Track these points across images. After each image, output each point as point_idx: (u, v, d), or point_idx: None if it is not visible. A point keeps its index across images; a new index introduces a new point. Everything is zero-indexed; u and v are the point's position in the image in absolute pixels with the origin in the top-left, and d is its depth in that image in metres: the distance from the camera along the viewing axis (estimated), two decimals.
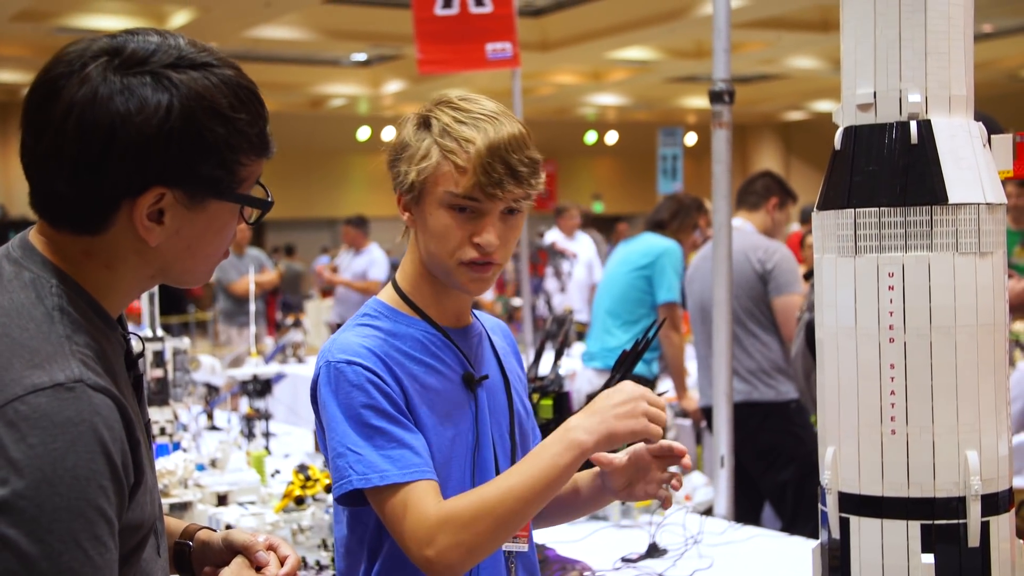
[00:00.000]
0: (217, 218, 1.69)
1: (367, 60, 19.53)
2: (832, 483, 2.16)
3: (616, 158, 27.22)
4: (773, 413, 5.74)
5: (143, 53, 1.60)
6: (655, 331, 2.96)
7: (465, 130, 2.16)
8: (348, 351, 2.15)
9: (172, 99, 1.58)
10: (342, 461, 2.10)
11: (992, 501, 2.08)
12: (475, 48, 6.98)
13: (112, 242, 1.64)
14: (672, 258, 6.68)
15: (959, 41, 2.09)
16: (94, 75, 1.57)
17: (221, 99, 1.62)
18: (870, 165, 2.10)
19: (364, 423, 2.10)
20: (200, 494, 3.80)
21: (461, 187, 2.15)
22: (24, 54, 17.23)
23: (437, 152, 2.17)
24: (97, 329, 1.64)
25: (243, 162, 1.67)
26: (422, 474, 2.09)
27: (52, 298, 1.60)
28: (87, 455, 1.49)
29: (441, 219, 2.18)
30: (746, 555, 3.66)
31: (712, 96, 4.21)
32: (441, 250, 2.19)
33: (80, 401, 1.51)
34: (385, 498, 2.09)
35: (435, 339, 2.25)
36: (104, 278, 1.66)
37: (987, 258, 2.08)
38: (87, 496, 1.48)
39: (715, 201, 4.29)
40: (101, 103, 1.56)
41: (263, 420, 5.22)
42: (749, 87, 21.72)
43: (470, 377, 2.27)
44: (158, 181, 1.60)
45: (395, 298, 2.28)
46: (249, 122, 1.66)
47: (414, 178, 2.18)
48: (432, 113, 2.21)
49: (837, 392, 2.14)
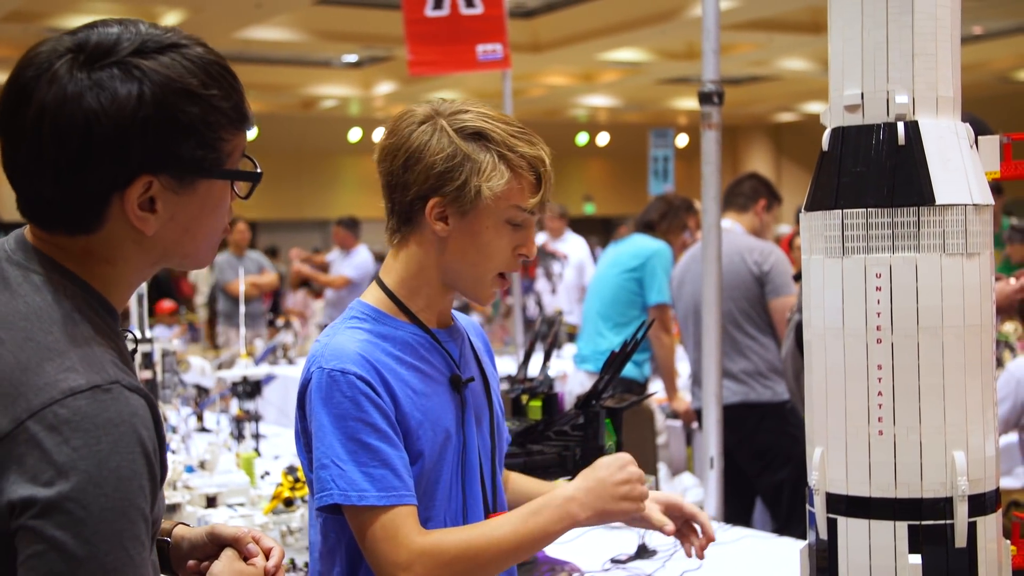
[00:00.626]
0: (209, 197, 1.69)
1: (358, 61, 19.52)
2: (820, 484, 2.16)
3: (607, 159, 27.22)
4: (769, 414, 5.75)
5: (107, 44, 1.60)
6: (644, 333, 2.96)
7: (531, 148, 2.23)
8: (342, 358, 2.15)
9: (142, 87, 1.57)
10: (325, 473, 2.12)
11: (979, 502, 2.09)
12: (466, 49, 6.98)
13: (109, 238, 1.64)
14: (662, 259, 6.69)
15: (946, 43, 2.09)
16: (61, 74, 1.57)
17: (191, 79, 1.61)
18: (857, 166, 2.10)
19: (352, 437, 2.11)
20: (189, 496, 3.80)
21: (530, 203, 2.22)
22: (14, 55, 17.14)
23: (507, 169, 2.20)
24: (110, 328, 1.64)
25: (224, 137, 1.66)
26: (400, 499, 2.11)
27: (68, 300, 1.60)
28: (129, 455, 1.50)
29: (498, 233, 2.23)
30: (735, 556, 3.66)
31: (701, 97, 4.22)
32: (490, 263, 2.24)
33: (119, 402, 1.52)
34: (363, 518, 2.11)
35: (423, 341, 2.26)
36: (108, 273, 1.67)
37: (974, 259, 2.08)
38: (130, 496, 1.50)
39: (704, 202, 4.29)
40: (72, 102, 1.56)
41: (253, 422, 5.22)
42: (740, 88, 21.74)
43: (457, 379, 2.28)
44: (143, 170, 1.59)
45: (383, 300, 2.28)
46: (223, 96, 1.65)
47: (486, 193, 2.19)
48: (478, 126, 2.21)
49: (824, 393, 2.15)
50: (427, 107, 2.26)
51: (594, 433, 2.96)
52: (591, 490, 2.16)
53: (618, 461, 2.20)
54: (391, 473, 2.11)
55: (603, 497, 2.16)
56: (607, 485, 2.16)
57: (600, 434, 2.96)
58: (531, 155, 2.22)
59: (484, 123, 2.21)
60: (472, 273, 2.24)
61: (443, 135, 2.20)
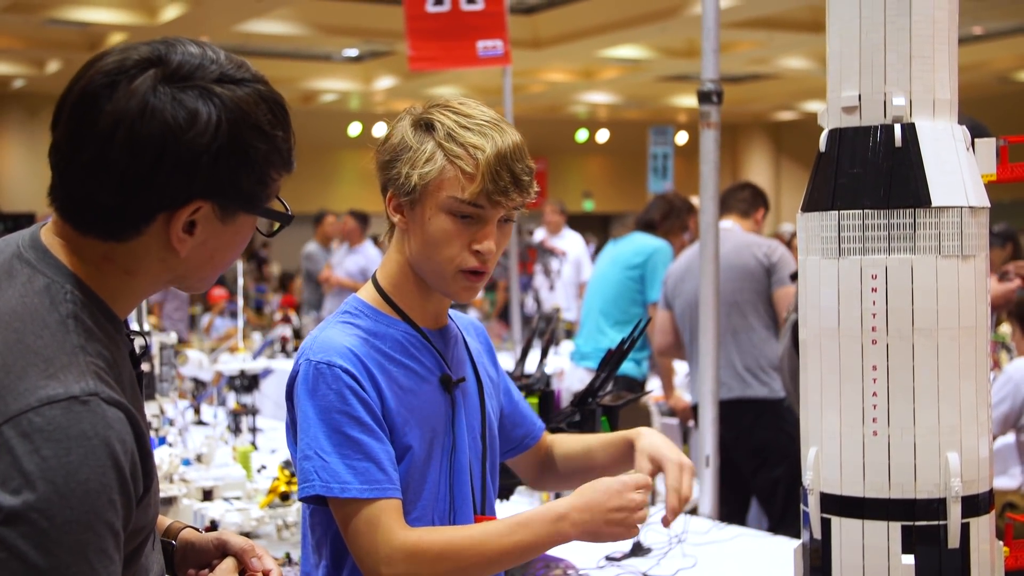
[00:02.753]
0: (243, 230, 1.71)
1: (359, 56, 19.50)
2: (814, 483, 2.17)
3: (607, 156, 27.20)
4: (767, 411, 5.76)
5: (189, 67, 1.60)
6: (641, 330, 2.97)
7: (471, 136, 2.16)
8: (329, 351, 2.15)
9: (220, 114, 1.59)
10: (308, 464, 2.12)
11: (972, 503, 2.10)
12: (466, 45, 6.98)
13: (137, 250, 1.64)
14: (664, 257, 6.72)
15: (944, 45, 2.10)
16: (143, 87, 1.57)
17: (262, 116, 1.64)
18: (854, 167, 2.11)
19: (336, 429, 2.11)
20: (186, 489, 3.80)
21: (468, 193, 2.15)
22: (15, 46, 17.18)
23: (442, 156, 2.16)
24: (107, 336, 1.63)
25: (274, 177, 1.69)
26: (383, 492, 2.11)
27: (66, 305, 1.59)
28: (99, 469, 1.49)
29: (442, 224, 2.17)
30: (730, 554, 3.67)
31: (701, 96, 4.22)
32: (439, 256, 2.19)
33: (94, 415, 1.51)
34: (346, 511, 2.11)
35: (414, 340, 2.25)
36: (121, 283, 1.67)
37: (969, 261, 2.09)
38: (97, 510, 1.49)
39: (702, 201, 4.30)
40: (153, 115, 1.56)
41: (250, 415, 5.22)
42: (740, 87, 21.73)
43: (447, 379, 2.27)
44: (200, 195, 1.60)
45: (376, 297, 2.28)
46: (284, 138, 1.68)
47: (416, 181, 2.17)
48: (432, 116, 2.20)
49: (819, 393, 2.15)
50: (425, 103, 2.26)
51: (590, 431, 2.96)
52: (584, 510, 2.12)
53: (619, 485, 2.14)
54: (375, 466, 2.11)
55: (595, 520, 2.12)
56: (602, 509, 2.12)
57: (596, 431, 2.96)
58: (470, 143, 2.15)
59: (439, 114, 2.19)
60: (429, 267, 2.21)
61: (402, 127, 2.22)
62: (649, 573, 3.44)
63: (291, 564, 3.44)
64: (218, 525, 3.68)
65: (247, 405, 5.29)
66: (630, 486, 2.14)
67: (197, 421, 5.68)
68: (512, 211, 2.20)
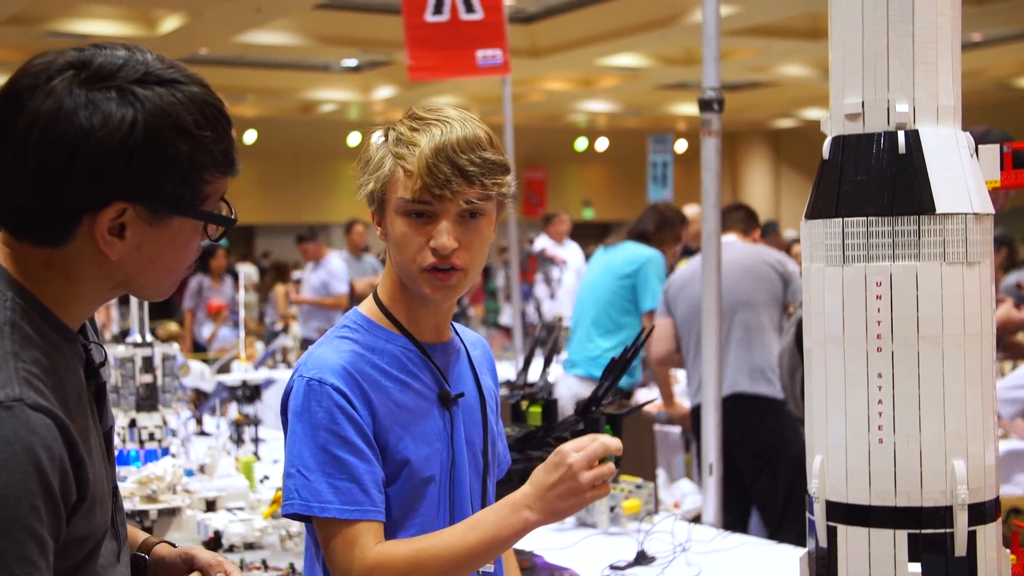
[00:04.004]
0: (180, 234, 1.68)
1: (358, 66, 19.52)
2: (819, 491, 2.16)
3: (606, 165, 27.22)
4: (772, 412, 5.77)
5: (110, 68, 1.60)
6: (645, 339, 2.97)
7: (415, 136, 2.16)
8: (322, 368, 2.14)
9: (136, 114, 1.58)
10: (290, 482, 2.12)
11: (979, 510, 2.09)
12: (465, 55, 6.99)
13: (73, 254, 1.63)
14: (656, 267, 6.75)
15: (947, 51, 2.10)
16: (59, 88, 1.57)
17: (186, 116, 1.62)
18: (858, 175, 2.11)
19: (322, 447, 2.10)
20: (189, 499, 3.79)
21: (410, 191, 2.14)
22: (14, 58, 17.14)
23: (390, 160, 2.18)
24: (50, 344, 1.62)
25: (207, 179, 1.66)
26: (363, 514, 2.10)
27: (4, 311, 1.59)
28: (20, 475, 1.48)
29: (399, 227, 2.17)
30: (734, 563, 3.66)
31: (701, 104, 4.22)
32: (403, 258, 2.18)
33: (17, 420, 1.50)
34: (326, 530, 2.11)
35: (412, 355, 2.24)
36: (64, 290, 1.66)
37: (974, 268, 2.08)
38: (17, 516, 1.48)
39: (704, 209, 4.29)
40: (65, 116, 1.56)
41: (252, 426, 5.21)
42: (739, 95, 21.74)
43: (446, 395, 2.25)
44: (120, 196, 1.59)
45: (375, 311, 2.27)
46: (214, 139, 1.65)
47: (373, 187, 2.20)
48: (393, 125, 2.23)
49: (824, 400, 2.15)
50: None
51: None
52: (534, 495, 2.09)
53: (556, 457, 2.09)
54: (358, 487, 2.10)
55: (547, 499, 2.07)
56: (547, 486, 2.08)
57: None
58: (411, 142, 2.15)
59: (400, 123, 2.21)
60: (402, 272, 2.21)
61: (373, 141, 2.26)
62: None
63: (295, 574, 3.43)
64: (221, 536, 3.68)
65: (249, 416, 5.29)
66: (565, 454, 2.09)
67: (199, 432, 5.68)
68: (471, 204, 2.15)
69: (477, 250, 2.20)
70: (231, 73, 18.66)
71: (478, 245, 2.20)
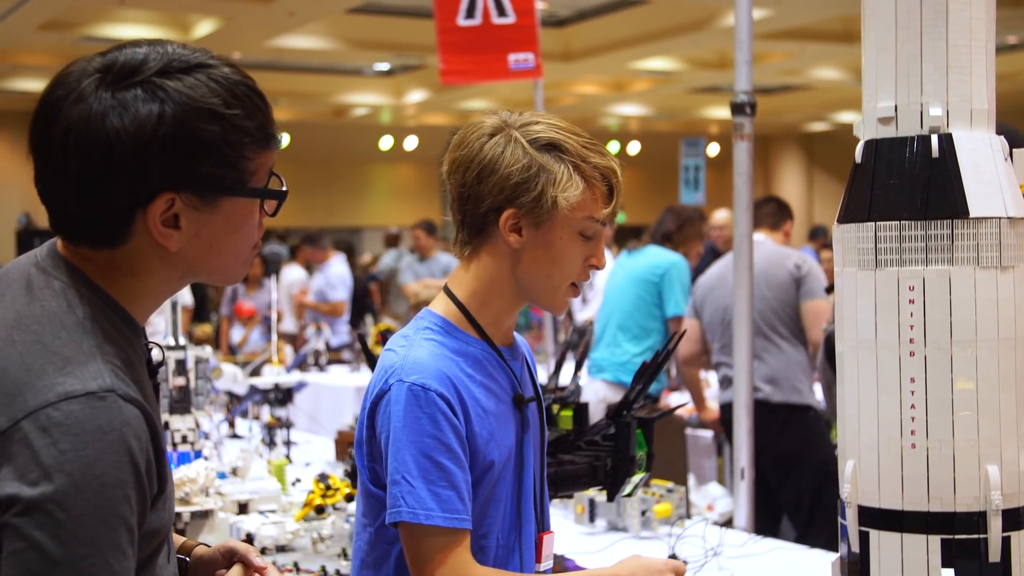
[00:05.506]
0: (234, 215, 1.70)
1: (390, 70, 19.56)
2: (852, 497, 2.15)
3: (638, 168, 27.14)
4: (792, 419, 5.76)
5: (132, 65, 1.62)
6: (675, 343, 2.97)
7: (603, 160, 2.24)
8: (424, 373, 2.15)
9: (164, 106, 1.60)
10: (397, 489, 2.12)
11: (1013, 516, 2.08)
12: (498, 58, 6.98)
13: (134, 252, 1.66)
14: (680, 272, 6.77)
15: (981, 55, 2.09)
16: (87, 93, 1.60)
17: (213, 98, 1.63)
18: (891, 178, 2.10)
19: (425, 454, 2.11)
20: (221, 502, 3.81)
21: (603, 214, 2.23)
22: (50, 63, 17.29)
23: (580, 179, 2.21)
24: (124, 339, 1.66)
25: (247, 156, 1.68)
26: (461, 523, 2.13)
27: (83, 307, 1.62)
28: (115, 464, 1.52)
29: (571, 243, 2.23)
30: (766, 568, 3.65)
31: (734, 108, 4.21)
32: (561, 273, 2.25)
33: (111, 410, 1.53)
34: (421, 535, 2.12)
35: (491, 359, 2.26)
36: (132, 286, 1.69)
37: (1008, 272, 2.07)
38: (112, 504, 1.51)
39: (736, 213, 4.28)
40: (95, 120, 1.59)
41: (284, 429, 5.23)
42: (771, 98, 21.66)
43: (520, 398, 2.30)
44: (164, 187, 1.62)
45: (455, 314, 2.27)
46: (246, 115, 1.66)
47: (562, 204, 2.19)
48: (548, 135, 2.21)
49: (857, 405, 2.14)
50: (496, 119, 2.25)
51: (625, 444, 2.95)
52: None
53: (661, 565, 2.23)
54: (456, 496, 2.12)
55: None
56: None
57: (631, 445, 2.95)
58: (604, 166, 2.23)
59: (556, 134, 2.22)
60: (546, 284, 2.25)
61: (517, 146, 2.20)
62: None
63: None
64: (254, 538, 3.69)
65: (281, 418, 5.31)
66: (670, 568, 2.22)
67: (232, 434, 5.71)
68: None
69: None
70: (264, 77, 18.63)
71: None
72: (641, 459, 2.98)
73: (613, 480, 2.92)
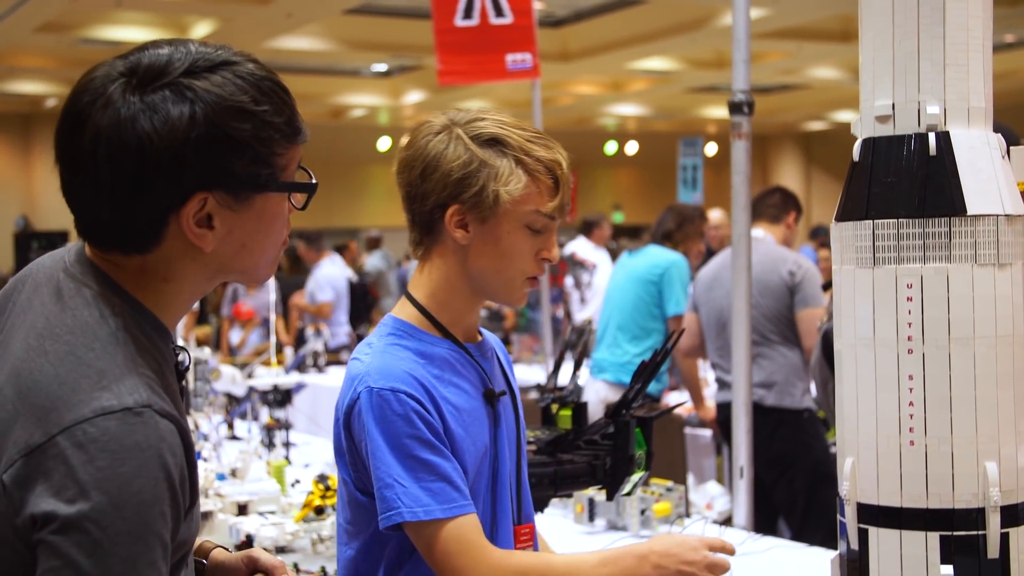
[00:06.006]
0: (265, 211, 1.70)
1: (388, 71, 19.57)
2: (850, 494, 2.16)
3: (636, 168, 27.18)
4: (786, 421, 5.75)
5: (158, 66, 1.61)
6: (674, 343, 2.97)
7: (548, 152, 2.23)
8: (390, 377, 2.16)
9: (194, 107, 1.59)
10: (390, 492, 2.12)
11: (1012, 512, 2.08)
12: (495, 59, 6.98)
13: (166, 256, 1.65)
14: (679, 271, 6.77)
15: (978, 53, 2.09)
16: (115, 98, 1.58)
17: (242, 96, 1.62)
18: (889, 176, 2.10)
19: (408, 454, 2.12)
20: (221, 503, 3.81)
21: (548, 208, 2.23)
22: (48, 65, 17.32)
23: (524, 173, 2.21)
24: (155, 347, 1.65)
25: (277, 152, 1.67)
26: (462, 509, 2.13)
27: (116, 318, 1.61)
28: (152, 481, 1.51)
29: (519, 237, 2.23)
30: (765, 566, 3.65)
31: (731, 107, 4.22)
32: (513, 268, 2.25)
33: (148, 427, 1.52)
34: (430, 533, 2.12)
35: (459, 357, 2.27)
36: (163, 291, 1.68)
37: (1006, 269, 2.08)
38: (149, 521, 1.50)
39: (734, 213, 4.28)
40: (125, 125, 1.57)
41: (283, 430, 5.23)
42: (769, 97, 21.68)
43: (491, 393, 2.30)
44: (198, 188, 1.61)
45: (417, 316, 2.28)
46: (275, 111, 1.66)
47: (504, 198, 2.20)
48: (491, 130, 2.23)
49: (855, 403, 2.15)
50: (443, 118, 2.27)
51: (624, 443, 2.95)
52: (664, 555, 2.18)
53: (697, 541, 2.22)
54: (449, 486, 2.13)
55: (670, 568, 2.17)
56: (678, 559, 2.18)
57: (630, 444, 2.96)
58: (548, 159, 2.22)
59: (500, 129, 2.23)
60: (498, 279, 2.26)
61: (459, 143, 2.22)
62: None
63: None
64: (253, 540, 3.69)
65: (280, 420, 5.31)
66: (706, 543, 2.21)
67: (231, 436, 5.70)
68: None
69: None
70: None
71: None
72: (640, 458, 2.98)
73: (612, 479, 2.92)
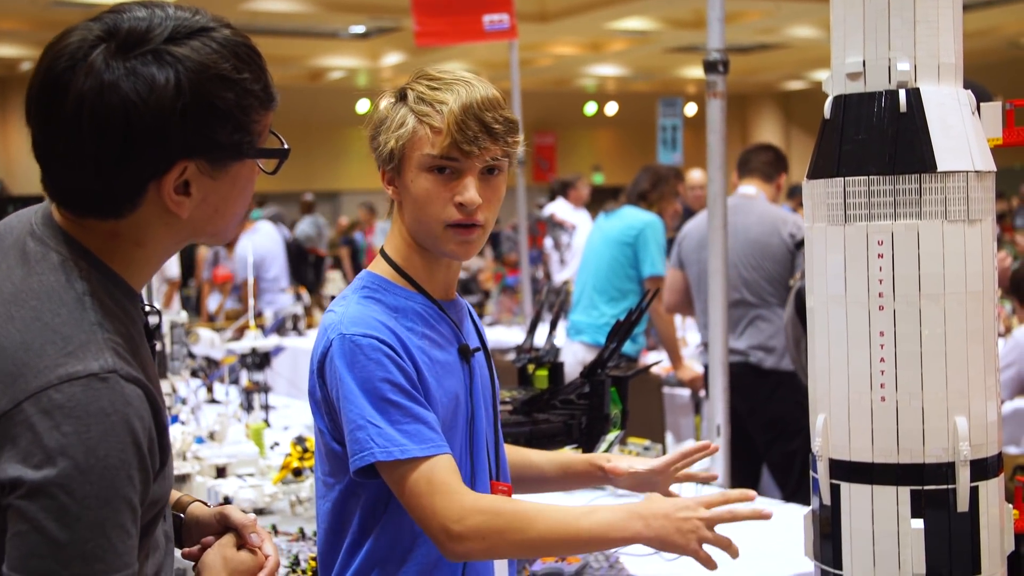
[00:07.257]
0: (239, 177, 1.71)
1: (366, 32, 19.47)
2: (823, 450, 2.17)
3: (616, 129, 27.14)
4: (784, 383, 5.77)
5: (139, 31, 1.59)
6: (648, 303, 2.98)
7: (438, 94, 2.20)
8: (362, 324, 2.16)
9: (179, 75, 1.58)
10: (362, 433, 2.11)
11: (981, 466, 2.10)
12: (472, 20, 6.96)
13: (140, 221, 1.65)
14: (655, 231, 6.76)
15: (948, 9, 2.10)
16: (97, 64, 1.56)
17: (224, 64, 1.62)
18: (859, 134, 2.11)
19: (381, 397, 2.11)
20: (199, 466, 3.82)
21: (438, 147, 2.18)
22: (21, 28, 17.19)
23: (412, 118, 2.21)
24: (124, 311, 1.65)
25: (255, 119, 1.68)
26: (438, 449, 2.12)
27: (82, 282, 1.60)
28: (118, 445, 1.52)
29: (422, 183, 2.21)
30: (742, 523, 3.67)
31: (706, 66, 4.20)
32: (426, 215, 2.21)
33: (113, 392, 1.53)
34: (404, 473, 2.10)
35: (432, 311, 2.27)
36: (134, 255, 1.68)
37: (976, 225, 2.09)
38: (116, 485, 1.51)
39: (710, 172, 4.28)
40: (110, 92, 1.55)
41: (262, 393, 5.23)
42: (748, 57, 21.65)
43: (465, 349, 2.30)
44: (180, 156, 1.60)
45: (390, 271, 2.29)
46: (254, 79, 1.66)
47: (393, 146, 2.22)
48: (408, 86, 2.26)
49: (827, 359, 2.16)
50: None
51: (599, 401, 2.97)
52: (660, 515, 2.11)
53: (692, 501, 2.16)
54: (425, 427, 2.12)
55: (668, 527, 2.10)
56: (676, 518, 2.11)
57: (605, 402, 2.97)
58: (436, 100, 2.20)
59: (414, 83, 2.25)
60: (422, 230, 2.24)
61: (382, 104, 2.28)
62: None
63: (305, 539, 3.46)
64: (232, 502, 3.70)
65: (259, 383, 5.31)
66: (702, 502, 2.15)
67: (210, 399, 5.70)
68: (495, 161, 2.22)
69: (495, 207, 2.27)
70: None
71: (496, 202, 2.26)
72: (616, 417, 3.00)
73: (588, 438, 2.94)
